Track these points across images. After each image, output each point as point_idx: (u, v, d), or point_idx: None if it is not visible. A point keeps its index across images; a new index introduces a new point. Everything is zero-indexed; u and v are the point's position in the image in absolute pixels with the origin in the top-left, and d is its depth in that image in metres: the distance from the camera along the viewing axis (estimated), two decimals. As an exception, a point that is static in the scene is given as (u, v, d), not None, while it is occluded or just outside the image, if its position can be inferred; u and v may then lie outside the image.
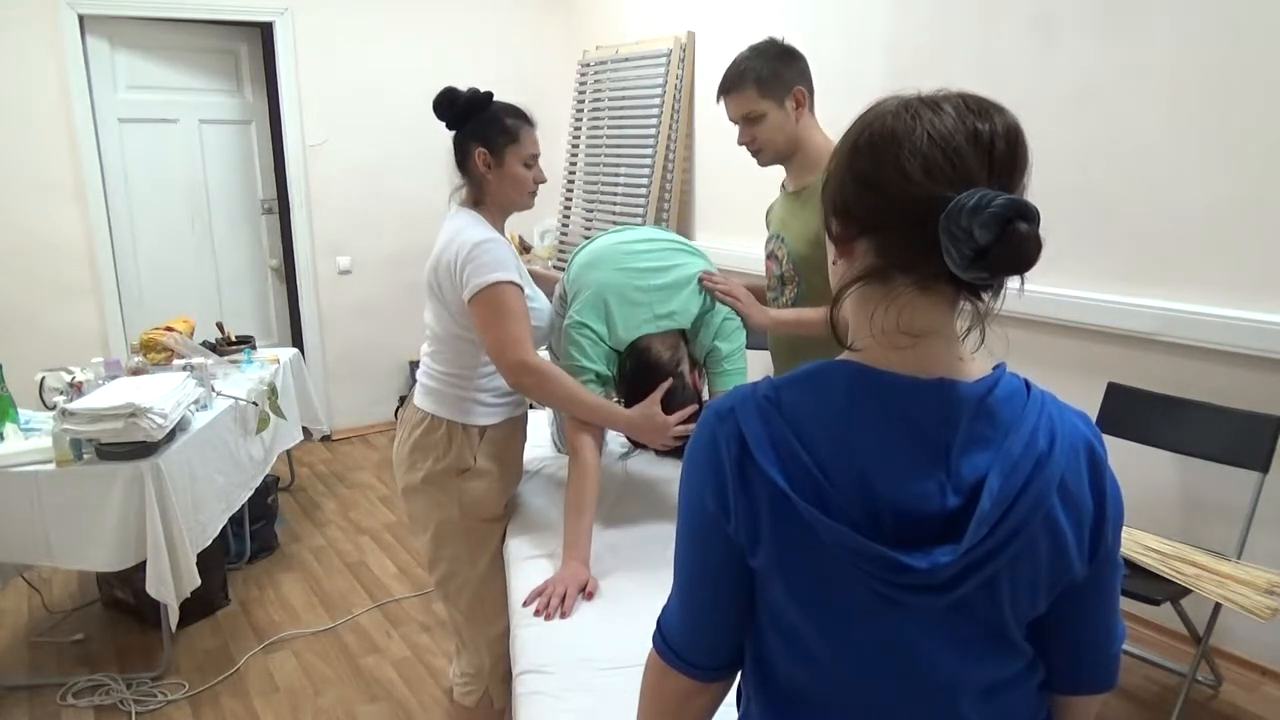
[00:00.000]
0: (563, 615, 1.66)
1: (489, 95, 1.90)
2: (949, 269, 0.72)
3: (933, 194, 0.72)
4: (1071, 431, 0.80)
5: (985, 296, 0.78)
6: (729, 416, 0.81)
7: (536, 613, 1.67)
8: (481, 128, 1.87)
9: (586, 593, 1.73)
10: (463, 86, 1.90)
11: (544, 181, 1.96)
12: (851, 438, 0.77)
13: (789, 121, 1.92)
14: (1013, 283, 0.76)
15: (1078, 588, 0.82)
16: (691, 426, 1.73)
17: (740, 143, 1.98)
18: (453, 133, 1.92)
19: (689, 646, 0.88)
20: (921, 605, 0.78)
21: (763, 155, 1.99)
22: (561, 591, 1.69)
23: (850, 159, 0.79)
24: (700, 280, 1.96)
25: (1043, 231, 0.72)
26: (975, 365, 0.81)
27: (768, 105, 1.91)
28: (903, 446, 0.77)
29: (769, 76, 1.89)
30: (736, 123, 1.97)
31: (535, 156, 1.91)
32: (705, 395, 2.02)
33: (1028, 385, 0.81)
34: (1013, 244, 0.70)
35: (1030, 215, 0.70)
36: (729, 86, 1.94)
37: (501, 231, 1.93)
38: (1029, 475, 0.75)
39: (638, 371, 1.93)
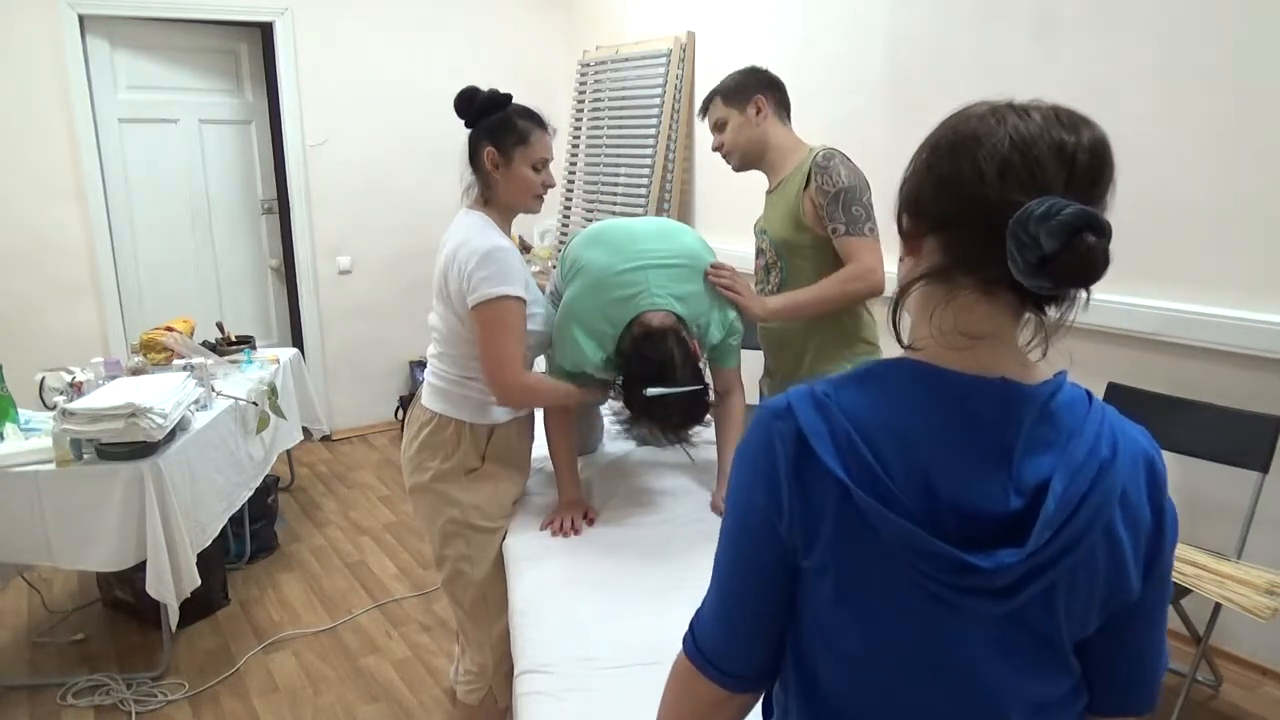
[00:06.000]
0: (575, 532, 1.97)
1: (508, 97, 1.92)
2: (1012, 275, 0.71)
3: (1005, 198, 0.71)
4: (1132, 444, 0.79)
5: (1049, 309, 0.76)
6: (786, 414, 0.79)
7: (553, 534, 1.97)
8: (493, 127, 1.89)
9: (588, 518, 2.02)
10: (477, 87, 1.92)
11: (552, 185, 1.97)
12: (913, 434, 0.76)
13: (749, 125, 2.17)
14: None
15: (1131, 608, 0.80)
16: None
17: (713, 149, 2.25)
18: (469, 130, 1.93)
19: (722, 653, 0.85)
20: (978, 611, 0.75)
21: (731, 158, 2.23)
22: (568, 517, 1.99)
23: (929, 156, 0.79)
24: (706, 273, 1.99)
25: None
26: (1038, 369, 0.79)
27: (730, 112, 2.18)
28: (965, 445, 0.75)
29: (731, 88, 2.18)
30: (713, 132, 2.24)
31: (545, 161, 1.93)
32: (705, 368, 2.01)
33: (1089, 395, 0.80)
34: (1077, 254, 0.69)
35: (1100, 228, 0.70)
36: (704, 105, 2.25)
37: (508, 232, 1.95)
38: (1092, 481, 0.74)
39: (636, 342, 1.89)
